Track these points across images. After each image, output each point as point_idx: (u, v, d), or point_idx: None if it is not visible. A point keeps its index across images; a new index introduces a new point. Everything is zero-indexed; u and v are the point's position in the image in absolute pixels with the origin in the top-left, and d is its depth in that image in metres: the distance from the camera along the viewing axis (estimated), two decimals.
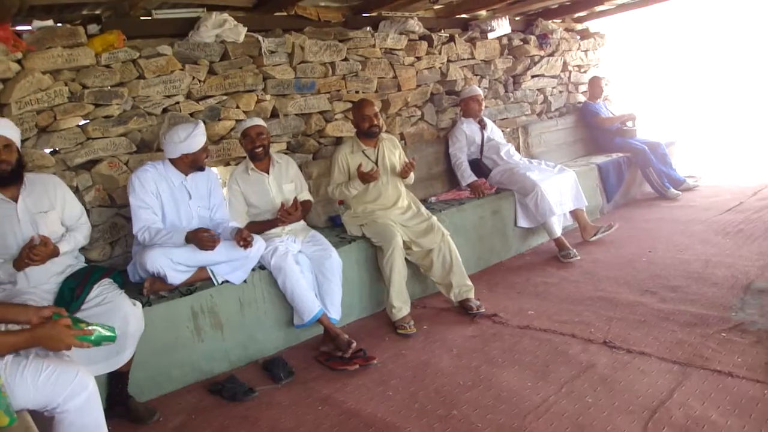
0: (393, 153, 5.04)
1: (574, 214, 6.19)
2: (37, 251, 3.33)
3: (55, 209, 3.65)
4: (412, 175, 5.02)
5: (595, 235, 6.11)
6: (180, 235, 3.93)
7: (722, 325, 3.90)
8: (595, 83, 8.38)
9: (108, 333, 2.54)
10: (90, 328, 2.49)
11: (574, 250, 5.66)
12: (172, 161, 4.16)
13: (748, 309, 4.12)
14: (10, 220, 3.45)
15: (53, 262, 3.51)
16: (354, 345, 4.04)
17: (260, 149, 4.59)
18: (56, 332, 2.40)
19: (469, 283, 4.77)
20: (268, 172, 4.68)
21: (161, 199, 4.10)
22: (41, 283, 3.50)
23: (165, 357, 3.85)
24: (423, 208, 5.05)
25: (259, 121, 4.69)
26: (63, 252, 3.55)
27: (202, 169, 4.24)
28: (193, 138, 4.07)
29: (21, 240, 3.44)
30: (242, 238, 4.03)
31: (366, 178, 4.68)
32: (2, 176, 3.40)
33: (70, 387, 2.42)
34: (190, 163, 4.16)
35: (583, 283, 5.03)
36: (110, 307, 3.41)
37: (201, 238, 3.89)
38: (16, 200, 3.48)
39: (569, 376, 3.52)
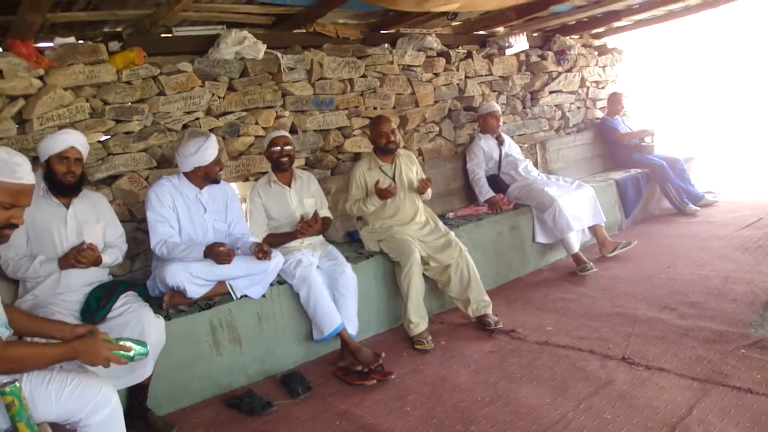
0: (410, 169, 5.06)
1: (593, 229, 6.17)
2: (85, 254, 3.53)
3: (100, 223, 3.84)
4: (429, 191, 5.04)
5: (614, 251, 6.08)
6: (198, 250, 3.96)
7: (741, 342, 3.87)
8: (615, 99, 8.37)
9: (141, 348, 2.57)
10: (126, 344, 2.52)
11: (591, 263, 5.64)
12: (186, 175, 4.21)
13: (767, 325, 4.08)
14: (59, 222, 3.64)
15: (89, 271, 3.66)
16: (383, 356, 4.06)
17: (286, 159, 4.65)
18: (95, 346, 2.44)
19: (487, 298, 4.75)
20: (290, 186, 4.72)
21: (177, 212, 4.14)
22: (70, 290, 3.61)
23: (184, 371, 3.86)
24: (441, 224, 5.05)
25: (286, 133, 4.78)
26: (105, 263, 3.75)
27: (216, 181, 4.28)
28: (205, 150, 4.10)
29: (65, 243, 3.64)
30: (261, 251, 4.07)
31: (384, 194, 4.70)
32: (66, 186, 3.62)
33: (93, 402, 2.43)
34: (204, 176, 4.19)
35: (601, 299, 5.01)
36: (133, 318, 3.46)
37: (217, 253, 3.93)
38: (68, 207, 3.68)
39: (588, 392, 3.49)
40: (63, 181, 3.58)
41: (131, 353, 2.51)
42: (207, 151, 4.11)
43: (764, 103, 12.26)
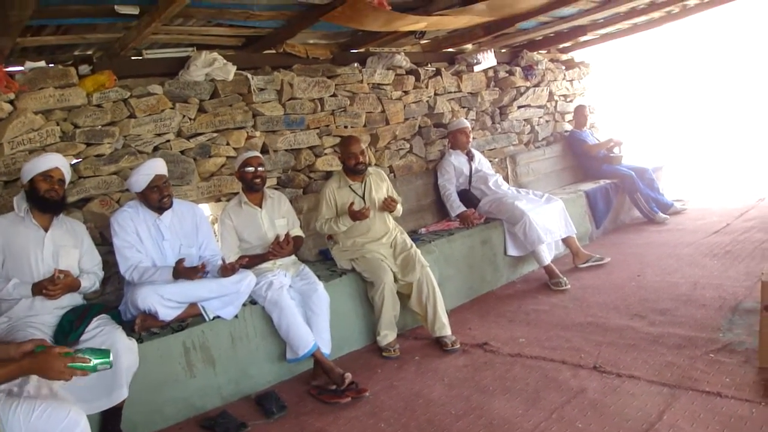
0: (380, 186, 5.08)
1: (566, 241, 6.27)
2: (53, 288, 3.54)
3: (77, 249, 3.85)
4: (399, 208, 5.07)
5: (586, 262, 6.17)
6: (167, 272, 3.97)
7: (710, 346, 3.94)
8: (580, 112, 8.51)
9: (103, 358, 2.49)
10: (84, 355, 2.45)
11: (565, 279, 5.70)
12: (143, 201, 4.19)
13: (735, 329, 4.16)
14: (37, 244, 3.66)
15: (64, 296, 3.66)
16: (349, 376, 4.05)
17: (259, 180, 4.65)
18: (48, 361, 2.38)
19: (444, 320, 4.73)
20: (261, 207, 4.72)
21: (140, 237, 4.13)
22: (43, 312, 3.59)
23: (157, 393, 3.85)
24: (408, 241, 5.05)
25: (258, 153, 4.81)
26: (84, 287, 3.77)
27: (163, 208, 4.20)
28: (137, 175, 4.10)
29: (41, 266, 3.65)
30: (224, 268, 4.12)
31: (357, 216, 4.72)
32: (48, 203, 3.66)
33: (62, 425, 2.43)
34: (152, 202, 4.15)
35: (572, 309, 5.07)
36: (106, 340, 3.44)
37: (182, 271, 3.95)
38: (46, 230, 3.70)
39: (560, 402, 3.54)
40: (47, 197, 3.62)
41: (91, 364, 2.44)
42: (138, 176, 4.10)
43: (729, 111, 12.47)
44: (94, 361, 2.47)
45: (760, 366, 3.56)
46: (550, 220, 6.05)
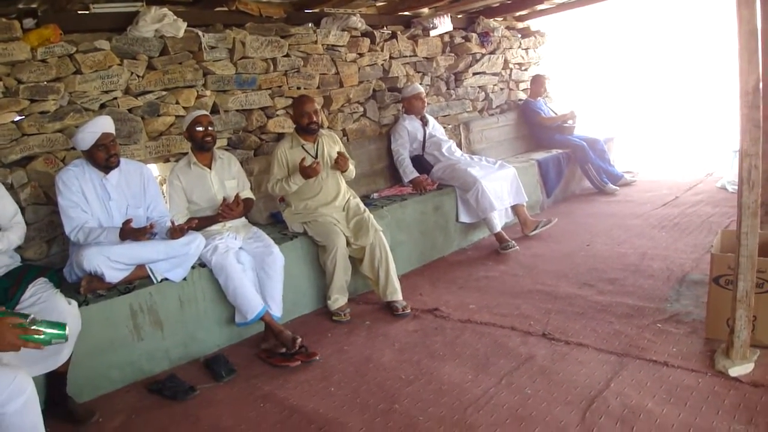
0: (332, 148, 5.02)
1: (515, 209, 6.31)
2: None
3: None
4: (352, 169, 5.04)
5: (535, 229, 6.22)
6: (114, 233, 3.88)
7: (658, 316, 4.02)
8: (537, 81, 8.52)
9: (58, 331, 2.40)
10: (38, 327, 2.34)
11: (513, 242, 5.77)
12: (89, 159, 4.08)
13: (683, 300, 4.25)
14: None
15: None
16: (299, 340, 4.05)
17: (210, 138, 4.55)
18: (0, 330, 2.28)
19: (396, 285, 4.77)
20: (210, 168, 4.62)
21: (86, 197, 4.02)
22: None
23: (104, 357, 3.78)
24: (361, 205, 5.04)
25: (207, 112, 4.73)
26: (1, 250, 3.53)
27: (109, 167, 4.09)
28: (83, 133, 3.96)
29: None
30: (173, 230, 4.05)
31: (308, 172, 4.66)
32: None
33: (8, 390, 2.37)
34: (99, 161, 4.04)
35: (523, 277, 5.12)
36: (45, 307, 3.32)
37: (129, 231, 3.87)
38: None
39: (509, 368, 3.58)
40: None
41: (44, 337, 2.34)
42: (84, 134, 3.96)
43: (681, 85, 12.64)
44: (48, 334, 2.36)
45: (706, 336, 3.65)
46: (503, 187, 6.08)
